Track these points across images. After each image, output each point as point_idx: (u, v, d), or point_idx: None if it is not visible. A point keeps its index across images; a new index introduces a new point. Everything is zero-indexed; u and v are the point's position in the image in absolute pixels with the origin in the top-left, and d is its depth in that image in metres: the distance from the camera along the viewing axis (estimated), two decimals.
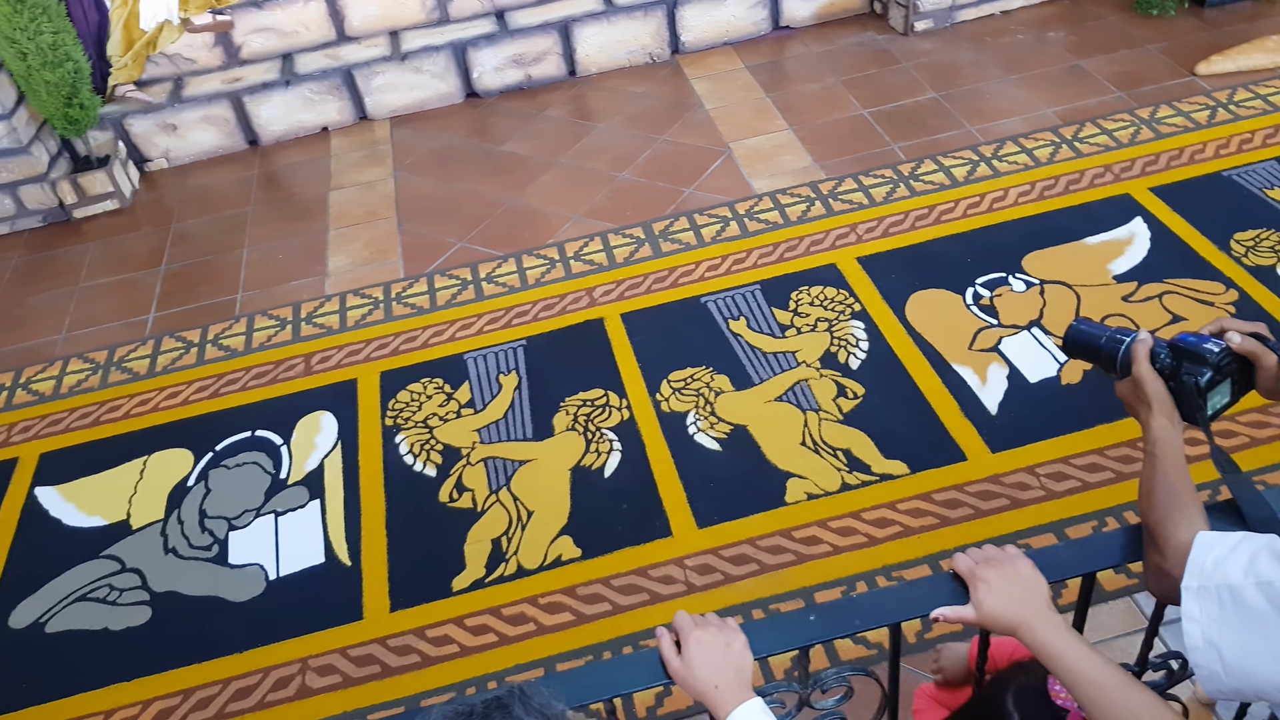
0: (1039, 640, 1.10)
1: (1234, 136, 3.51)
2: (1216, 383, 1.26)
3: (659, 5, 4.42)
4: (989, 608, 1.13)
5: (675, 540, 2.53)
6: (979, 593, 1.14)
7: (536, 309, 3.29)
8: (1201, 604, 1.03)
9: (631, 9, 4.41)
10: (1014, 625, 1.12)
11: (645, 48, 4.52)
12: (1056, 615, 1.11)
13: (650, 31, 4.48)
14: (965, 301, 3.07)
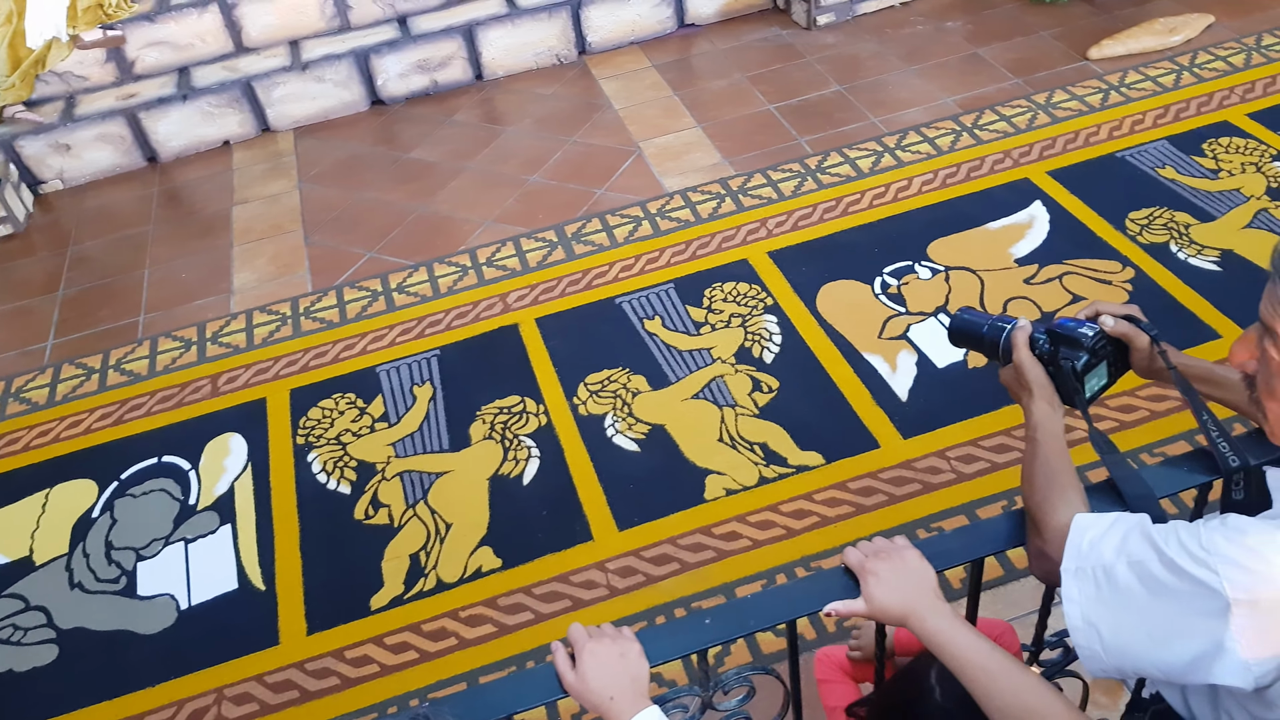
0: (927, 629, 1.11)
1: (1126, 118, 3.61)
2: (1093, 365, 1.29)
3: (563, 6, 4.40)
4: (878, 600, 1.14)
5: (596, 544, 2.52)
6: (869, 585, 1.15)
7: (449, 318, 3.25)
8: (1079, 585, 1.05)
9: (536, 11, 4.38)
10: (903, 615, 1.13)
11: (552, 49, 4.49)
12: (944, 604, 1.13)
13: (556, 33, 4.46)
14: (874, 291, 3.11)
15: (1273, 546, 0.92)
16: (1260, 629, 0.91)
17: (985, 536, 1.22)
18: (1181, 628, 0.96)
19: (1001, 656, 1.08)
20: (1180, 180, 3.30)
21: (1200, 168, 3.34)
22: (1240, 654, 0.93)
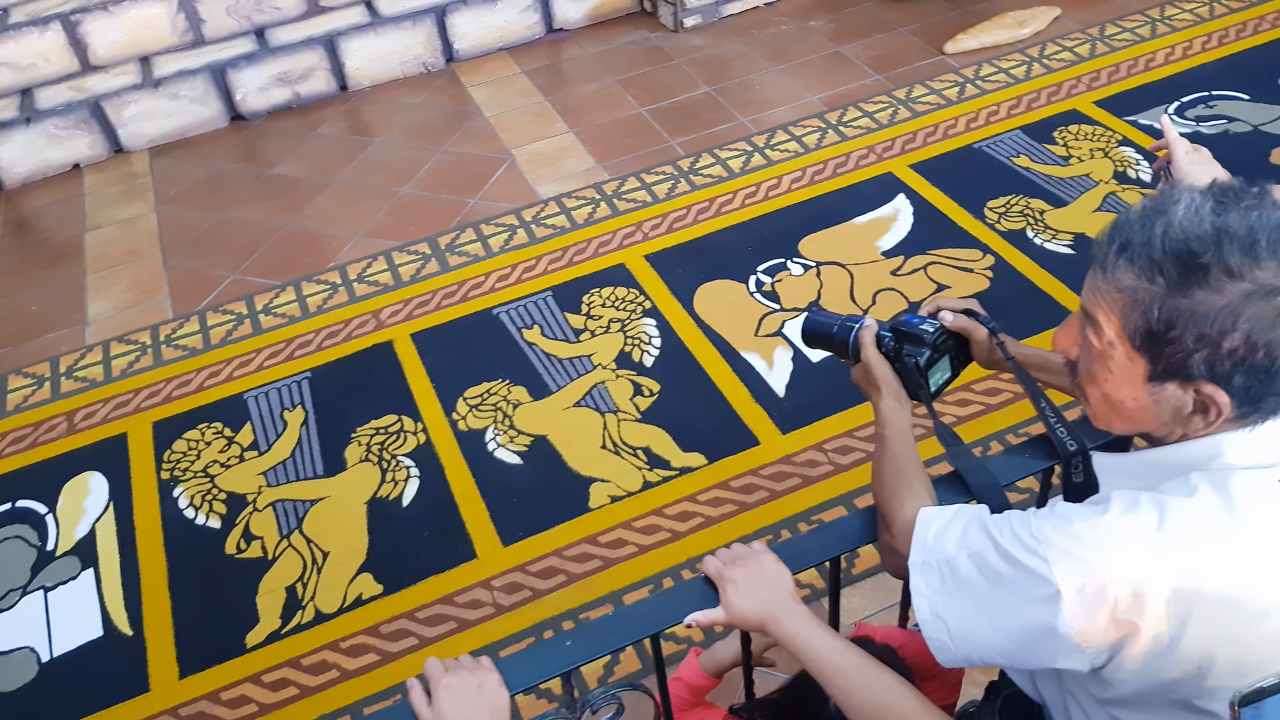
0: (784, 632, 1.12)
1: (982, 110, 3.73)
2: (935, 361, 1.32)
3: (428, 14, 4.33)
4: (737, 607, 1.14)
5: (481, 562, 2.48)
6: (727, 593, 1.15)
7: (320, 338, 3.16)
8: (926, 578, 1.07)
9: (399, 19, 4.30)
10: (761, 620, 1.13)
11: (418, 57, 4.41)
12: (801, 606, 1.13)
13: (421, 41, 4.38)
14: (749, 289, 3.14)
15: (1096, 532, 0.94)
16: (1089, 613, 0.94)
17: (839, 535, 1.23)
18: (1019, 615, 0.99)
19: (857, 656, 1.09)
20: (1034, 168, 3.43)
21: (1052, 155, 3.47)
22: (1073, 638, 0.95)
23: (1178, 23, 4.09)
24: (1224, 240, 0.89)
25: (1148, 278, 0.92)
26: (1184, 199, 0.93)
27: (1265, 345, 0.89)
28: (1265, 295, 0.88)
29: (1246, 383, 0.91)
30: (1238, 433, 0.94)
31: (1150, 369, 0.95)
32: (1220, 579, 0.90)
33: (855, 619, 2.24)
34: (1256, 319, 0.88)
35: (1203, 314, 0.89)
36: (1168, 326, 0.91)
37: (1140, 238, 0.93)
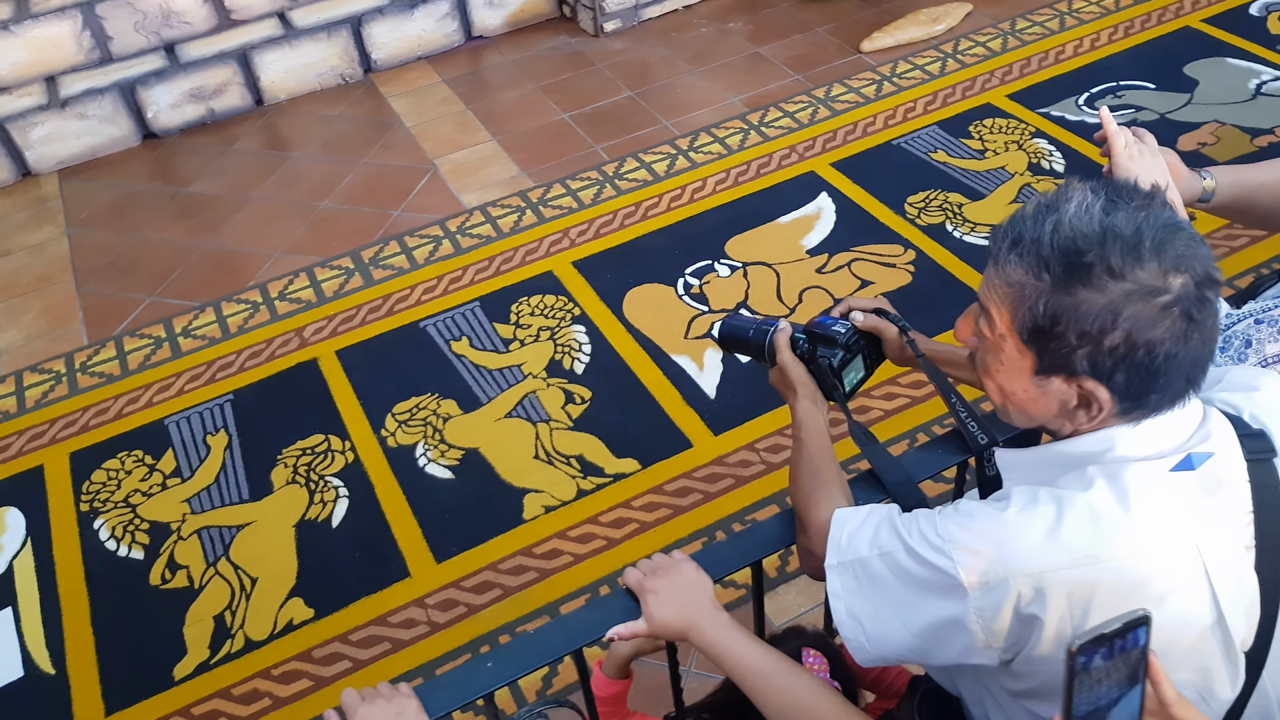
0: (705, 640, 1.11)
1: (899, 107, 3.78)
2: (849, 361, 1.33)
3: (343, 24, 4.27)
4: (658, 617, 1.14)
5: (414, 580, 2.44)
6: (648, 604, 1.15)
7: (242, 358, 3.09)
8: (842, 579, 1.08)
9: (314, 30, 4.23)
10: (683, 629, 1.13)
11: (335, 69, 4.35)
12: (721, 614, 1.13)
13: (338, 52, 4.31)
14: (677, 292, 3.14)
15: (997, 529, 0.96)
16: (994, 608, 0.95)
17: (759, 540, 1.24)
18: (928, 613, 1.00)
19: (777, 660, 1.09)
20: (951, 162, 3.48)
21: (968, 149, 3.53)
22: (980, 634, 0.97)
23: (1085, 15, 4.19)
24: (1109, 240, 0.90)
25: (1035, 273, 0.94)
26: (1076, 197, 0.95)
27: (1145, 344, 0.90)
28: (1146, 295, 0.89)
29: (1128, 380, 0.93)
30: (1129, 426, 0.96)
31: (1037, 363, 0.97)
32: (1117, 569, 0.92)
33: (790, 616, 2.26)
34: (1137, 318, 0.90)
35: (1085, 311, 0.91)
36: (1052, 322, 0.93)
37: (1031, 233, 0.95)
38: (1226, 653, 0.96)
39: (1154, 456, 0.95)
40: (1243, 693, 0.99)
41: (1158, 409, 0.96)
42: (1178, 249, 0.91)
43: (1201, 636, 0.95)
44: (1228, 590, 0.94)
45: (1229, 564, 0.95)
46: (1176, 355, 0.91)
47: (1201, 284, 0.91)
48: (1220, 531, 0.95)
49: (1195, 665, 0.96)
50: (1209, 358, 0.95)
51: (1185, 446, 0.96)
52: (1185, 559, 0.93)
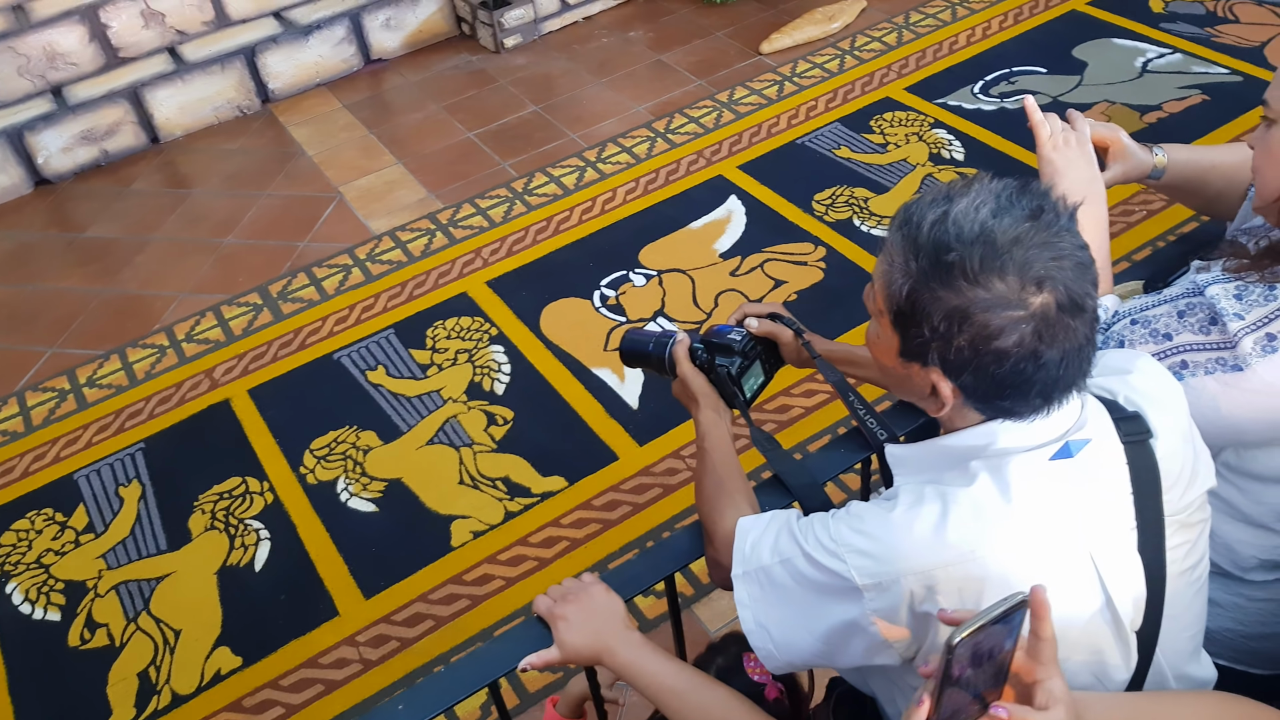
0: (618, 663, 1.11)
1: (801, 106, 3.82)
2: (747, 368, 1.34)
3: (236, 56, 4.18)
4: (570, 644, 1.13)
5: (343, 619, 2.39)
6: (559, 630, 1.14)
7: (151, 405, 3.01)
8: (748, 589, 1.08)
9: (206, 64, 4.14)
10: (595, 654, 1.12)
11: (232, 101, 4.26)
12: (633, 634, 1.13)
13: (233, 84, 4.23)
14: (594, 305, 3.14)
15: (886, 529, 0.96)
16: (889, 608, 0.96)
17: (670, 555, 1.23)
18: (828, 617, 1.01)
19: (690, 675, 1.09)
20: (855, 158, 3.53)
21: (870, 144, 3.58)
22: (879, 634, 0.98)
23: (975, 5, 4.28)
24: (977, 244, 0.89)
25: (906, 259, 0.94)
26: (971, 194, 0.94)
27: (992, 353, 0.90)
28: (997, 307, 0.89)
29: (975, 383, 0.94)
30: (1011, 421, 0.96)
31: (901, 345, 0.97)
32: (1003, 562, 0.93)
33: (726, 622, 2.26)
34: (985, 327, 0.89)
35: (938, 308, 0.91)
36: (912, 311, 0.93)
37: (917, 219, 0.94)
38: (1117, 634, 0.98)
39: (1034, 447, 0.96)
40: (1137, 672, 1.01)
41: (1011, 414, 0.95)
42: (1046, 266, 0.89)
43: (1092, 620, 0.96)
44: (1113, 573, 0.96)
45: (1113, 547, 0.96)
46: (1024, 370, 0.91)
47: (1063, 307, 0.89)
48: (1102, 516, 0.96)
49: (1088, 648, 0.97)
50: (1074, 378, 0.94)
51: (1065, 435, 0.97)
52: (1069, 546, 0.95)
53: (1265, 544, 1.23)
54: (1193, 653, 1.11)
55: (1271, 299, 1.11)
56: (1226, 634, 1.28)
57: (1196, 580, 1.07)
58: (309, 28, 4.28)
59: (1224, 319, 1.13)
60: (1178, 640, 1.06)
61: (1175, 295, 1.19)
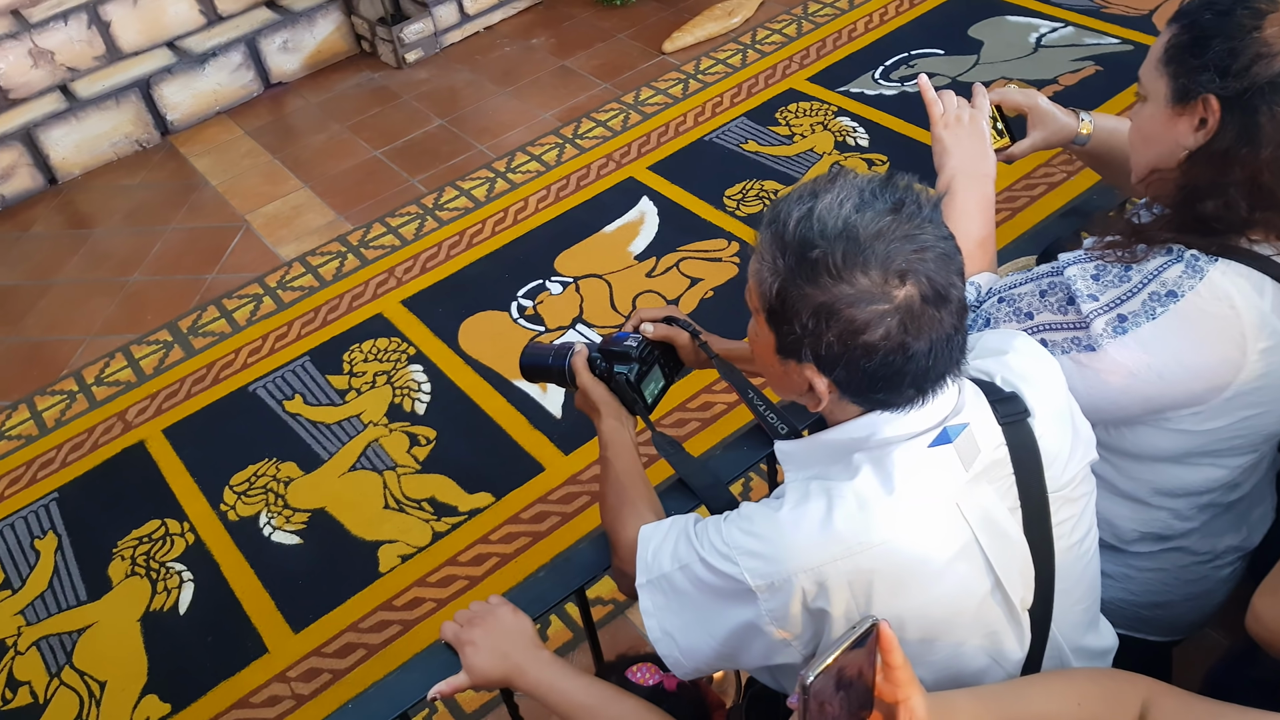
0: (527, 683, 1.10)
1: (707, 103, 3.84)
2: (645, 373, 1.34)
3: (130, 89, 4.08)
4: (478, 668, 1.12)
5: (273, 656, 2.35)
6: (466, 656, 1.13)
7: (63, 453, 2.92)
8: (652, 597, 1.08)
9: (100, 99, 4.03)
10: (505, 676, 1.11)
11: (130, 136, 4.16)
12: (542, 652, 1.12)
13: (130, 118, 4.12)
14: (512, 316, 3.12)
15: (774, 528, 0.97)
16: (783, 607, 0.96)
17: (576, 569, 1.23)
18: (727, 619, 1.01)
19: (600, 689, 1.08)
20: (763, 151, 3.56)
21: (777, 136, 3.61)
22: (776, 633, 0.98)
23: None
24: (841, 240, 0.90)
25: (774, 256, 0.94)
26: (835, 190, 0.94)
27: (861, 347, 0.91)
28: (862, 301, 0.89)
29: (848, 377, 0.94)
30: (890, 412, 0.97)
31: (776, 343, 0.98)
32: (889, 552, 0.94)
33: None
34: (852, 321, 0.90)
35: (806, 305, 0.91)
36: (782, 308, 0.94)
37: (783, 216, 0.94)
38: (1010, 614, 0.99)
39: (913, 436, 0.97)
40: (1034, 649, 1.03)
41: (888, 406, 0.96)
42: (908, 259, 0.90)
43: (983, 602, 0.98)
44: (1000, 554, 0.97)
45: (997, 528, 0.98)
46: (894, 362, 0.91)
47: (927, 298, 0.90)
48: (984, 498, 0.97)
49: (982, 630, 0.99)
50: (945, 367, 0.95)
51: (943, 422, 0.97)
52: (954, 531, 0.96)
53: (1143, 517, 1.26)
54: (1088, 624, 1.13)
55: (1125, 280, 1.13)
56: (1120, 604, 1.31)
57: (1085, 553, 1.09)
58: (204, 56, 4.20)
59: (1078, 300, 1.15)
60: (1071, 614, 1.08)
61: (1039, 274, 1.21)
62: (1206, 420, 1.15)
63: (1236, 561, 1.33)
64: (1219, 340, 1.10)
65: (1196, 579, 1.30)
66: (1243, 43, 1.06)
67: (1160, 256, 1.12)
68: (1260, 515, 1.34)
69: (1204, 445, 1.18)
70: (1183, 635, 1.40)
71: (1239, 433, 1.17)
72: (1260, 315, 1.09)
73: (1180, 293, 1.09)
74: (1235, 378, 1.11)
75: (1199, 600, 1.33)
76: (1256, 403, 1.14)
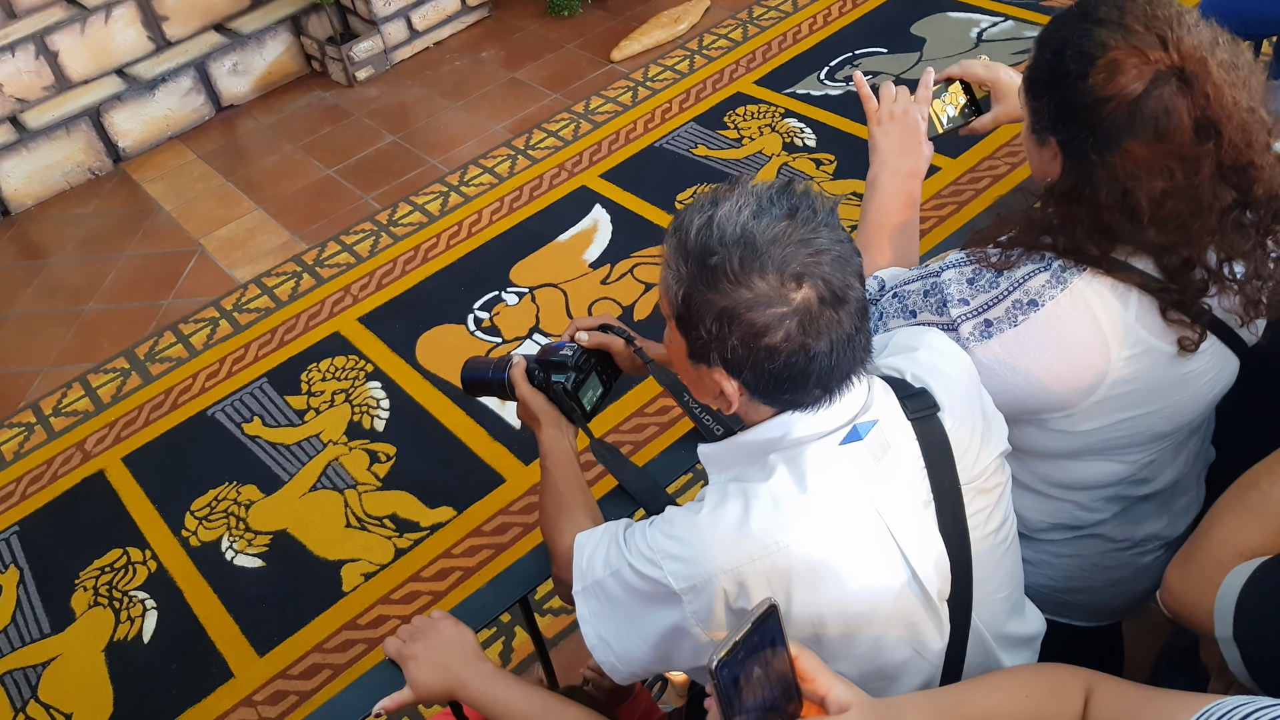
0: (470, 696, 1.12)
1: (656, 109, 3.88)
2: (582, 381, 1.36)
3: (80, 118, 4.07)
4: (421, 682, 1.13)
5: (238, 680, 2.35)
6: (409, 671, 1.14)
7: (22, 486, 2.91)
8: (588, 604, 1.10)
9: (50, 129, 4.01)
10: (449, 689, 1.13)
11: (82, 164, 4.14)
12: (484, 664, 1.13)
13: (81, 147, 4.11)
14: (469, 329, 3.13)
15: (693, 531, 0.99)
16: (707, 608, 0.98)
17: (517, 579, 1.25)
18: (655, 623, 1.03)
19: (543, 699, 1.10)
20: (713, 155, 3.60)
21: (726, 139, 3.65)
22: (702, 635, 1.00)
23: None
24: (737, 246, 0.92)
25: (678, 264, 0.96)
26: (735, 197, 0.96)
27: (764, 349, 0.93)
28: (761, 305, 0.91)
29: (755, 379, 0.96)
30: (802, 412, 0.99)
31: (687, 348, 0.99)
32: (804, 551, 0.96)
33: None
34: (753, 324, 0.92)
35: (708, 310, 0.93)
36: (688, 314, 0.96)
37: (686, 225, 0.97)
38: (927, 606, 1.02)
39: (825, 434, 0.99)
40: (955, 638, 1.06)
41: (798, 406, 0.98)
42: (804, 263, 0.91)
43: (900, 595, 1.00)
44: (914, 547, 1.00)
45: (910, 522, 1.00)
46: (797, 363, 0.93)
47: (824, 300, 0.92)
48: (897, 493, 1.00)
49: (901, 623, 1.01)
50: (849, 366, 0.97)
51: (853, 420, 1.00)
52: (868, 526, 0.98)
53: (1048, 508, 1.29)
54: (1010, 612, 1.16)
55: (995, 286, 1.15)
56: (1040, 589, 1.34)
57: (1003, 542, 1.12)
58: (154, 82, 4.19)
59: (949, 303, 1.18)
60: (991, 602, 1.11)
61: (927, 273, 1.24)
62: (1080, 423, 1.17)
63: (1160, 549, 1.35)
64: (1080, 348, 1.12)
65: (1116, 565, 1.33)
66: (1069, 91, 1.06)
67: (1030, 264, 1.14)
68: (1185, 505, 1.36)
69: (1088, 445, 1.21)
70: (1109, 620, 1.43)
71: (1123, 433, 1.19)
72: (1125, 324, 1.11)
73: (1041, 302, 1.12)
74: (1100, 383, 1.13)
75: (1121, 586, 1.36)
76: (1130, 405, 1.16)
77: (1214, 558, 1.02)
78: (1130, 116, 1.03)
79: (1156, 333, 1.13)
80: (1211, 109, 1.02)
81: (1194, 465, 1.35)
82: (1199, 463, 1.36)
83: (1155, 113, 1.02)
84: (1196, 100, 1.02)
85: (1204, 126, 1.02)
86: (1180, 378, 1.16)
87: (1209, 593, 0.99)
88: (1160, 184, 1.04)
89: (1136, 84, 1.02)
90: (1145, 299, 1.11)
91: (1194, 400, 1.20)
